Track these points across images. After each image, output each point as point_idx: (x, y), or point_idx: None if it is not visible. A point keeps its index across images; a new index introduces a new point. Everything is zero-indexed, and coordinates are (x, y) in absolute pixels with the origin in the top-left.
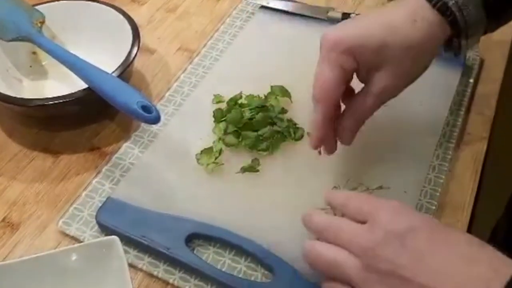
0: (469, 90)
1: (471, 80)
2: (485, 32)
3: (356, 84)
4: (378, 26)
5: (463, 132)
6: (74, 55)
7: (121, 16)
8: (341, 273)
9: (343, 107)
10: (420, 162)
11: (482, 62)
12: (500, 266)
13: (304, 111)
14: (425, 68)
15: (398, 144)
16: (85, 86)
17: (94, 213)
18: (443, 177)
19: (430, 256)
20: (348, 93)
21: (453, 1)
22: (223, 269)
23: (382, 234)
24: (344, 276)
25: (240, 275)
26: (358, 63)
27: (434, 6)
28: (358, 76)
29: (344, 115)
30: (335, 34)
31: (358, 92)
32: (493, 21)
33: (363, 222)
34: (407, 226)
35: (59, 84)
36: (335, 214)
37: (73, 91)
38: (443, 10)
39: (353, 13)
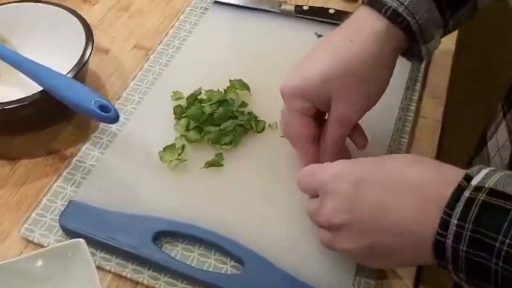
0: (421, 75)
1: (423, 65)
2: (444, 33)
3: None
4: (317, 64)
5: (418, 115)
6: (27, 58)
7: (72, 17)
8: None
9: None
10: (378, 147)
11: None
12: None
13: (263, 103)
14: (383, 83)
15: None
16: (40, 89)
17: (57, 218)
18: None
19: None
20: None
21: (403, 7)
22: (193, 265)
23: (333, 199)
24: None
25: (210, 269)
26: (312, 102)
27: (384, 14)
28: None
29: (320, 141)
30: (284, 84)
31: (326, 121)
32: (450, 20)
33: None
34: (352, 180)
35: (12, 89)
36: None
37: (27, 95)
38: (394, 17)
39: (305, 5)
